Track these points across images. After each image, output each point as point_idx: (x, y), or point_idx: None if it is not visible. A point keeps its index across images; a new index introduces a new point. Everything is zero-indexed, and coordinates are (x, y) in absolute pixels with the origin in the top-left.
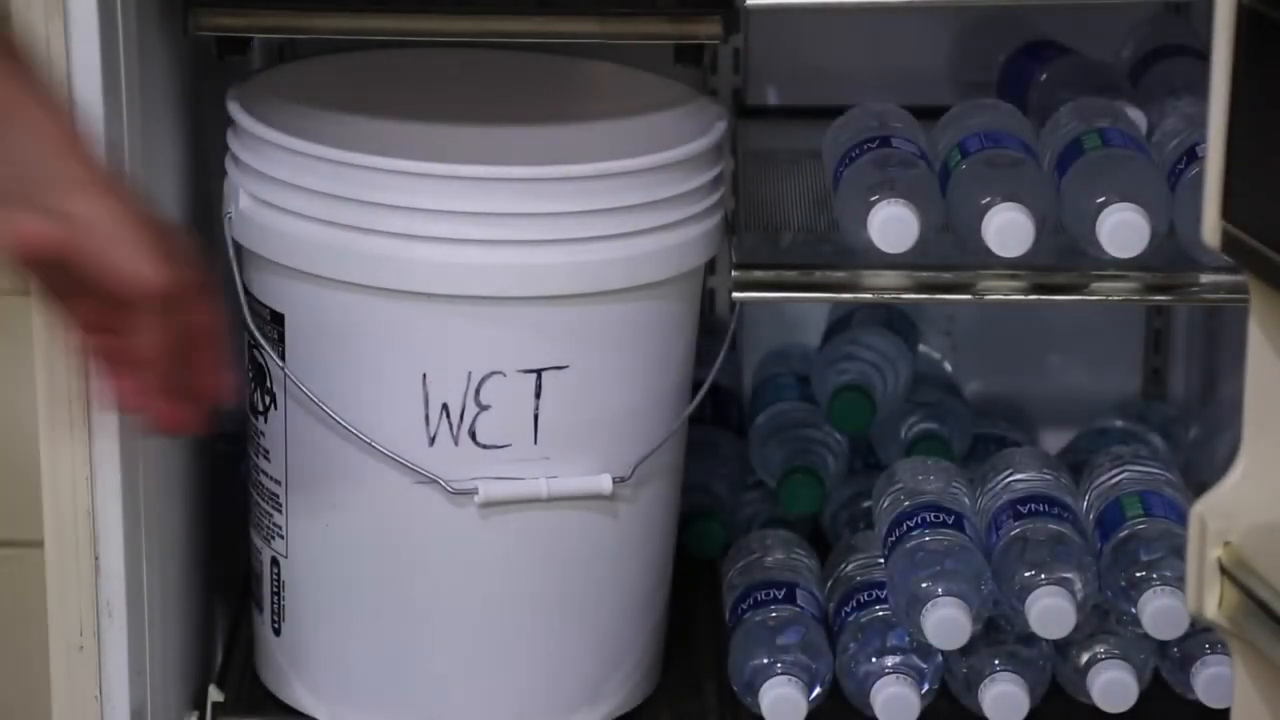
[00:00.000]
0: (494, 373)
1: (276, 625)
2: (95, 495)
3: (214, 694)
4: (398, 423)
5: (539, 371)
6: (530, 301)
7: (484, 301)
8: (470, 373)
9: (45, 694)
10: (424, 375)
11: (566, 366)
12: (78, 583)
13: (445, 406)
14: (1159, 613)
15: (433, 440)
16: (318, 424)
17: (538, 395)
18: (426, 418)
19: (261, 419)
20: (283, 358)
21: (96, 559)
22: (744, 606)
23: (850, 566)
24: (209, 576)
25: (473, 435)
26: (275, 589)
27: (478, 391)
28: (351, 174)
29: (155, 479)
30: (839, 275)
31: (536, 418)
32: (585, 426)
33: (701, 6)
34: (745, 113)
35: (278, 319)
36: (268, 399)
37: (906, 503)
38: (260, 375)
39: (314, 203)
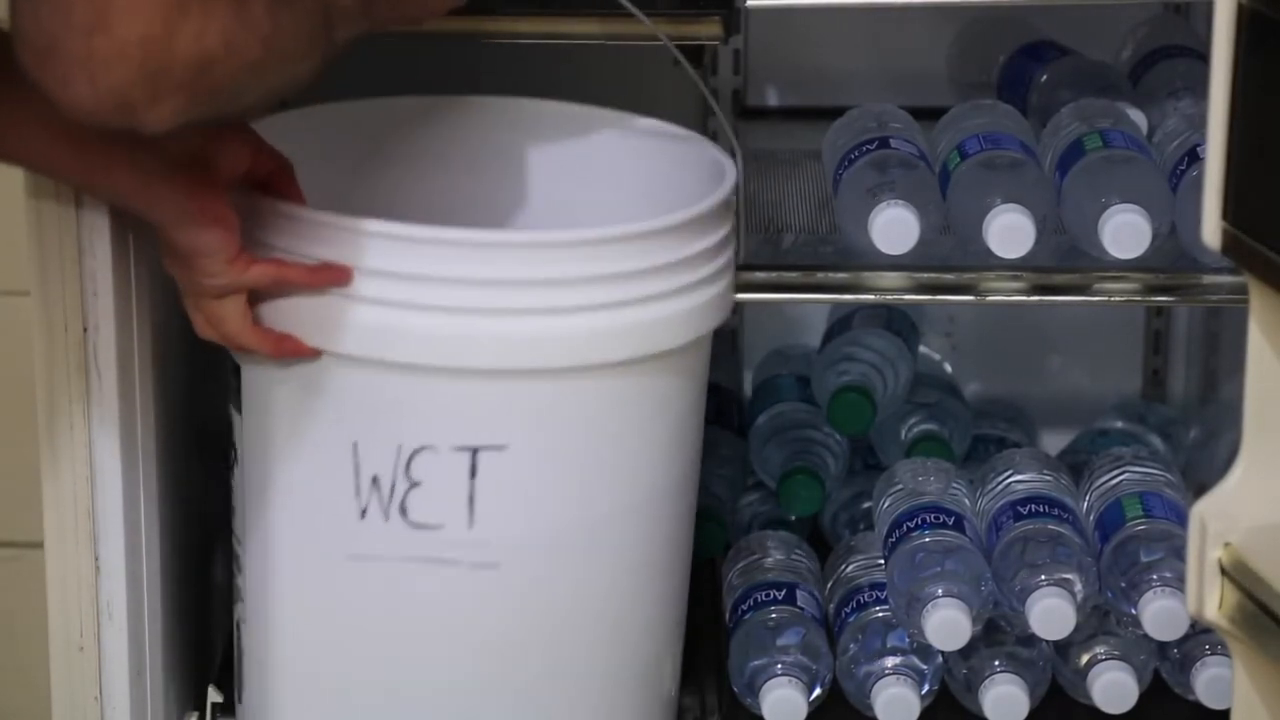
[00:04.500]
0: (424, 447)
1: (239, 693)
2: (95, 495)
3: (214, 694)
4: (331, 492)
5: (474, 450)
6: (461, 373)
7: (411, 370)
8: (400, 445)
9: (45, 695)
10: (355, 444)
11: (505, 447)
12: (78, 583)
13: (375, 479)
14: (1159, 614)
15: (363, 513)
16: (264, 483)
17: (473, 475)
18: (357, 489)
19: (230, 472)
20: (240, 410)
21: (96, 559)
22: (744, 607)
23: (850, 567)
24: (208, 577)
25: (403, 512)
26: (238, 655)
27: (408, 465)
28: (297, 228)
29: (155, 479)
30: (840, 276)
31: (472, 500)
32: (533, 519)
33: (701, 7)
34: (745, 113)
35: (236, 370)
36: (232, 452)
37: (906, 504)
38: (229, 427)
39: (263, 253)
